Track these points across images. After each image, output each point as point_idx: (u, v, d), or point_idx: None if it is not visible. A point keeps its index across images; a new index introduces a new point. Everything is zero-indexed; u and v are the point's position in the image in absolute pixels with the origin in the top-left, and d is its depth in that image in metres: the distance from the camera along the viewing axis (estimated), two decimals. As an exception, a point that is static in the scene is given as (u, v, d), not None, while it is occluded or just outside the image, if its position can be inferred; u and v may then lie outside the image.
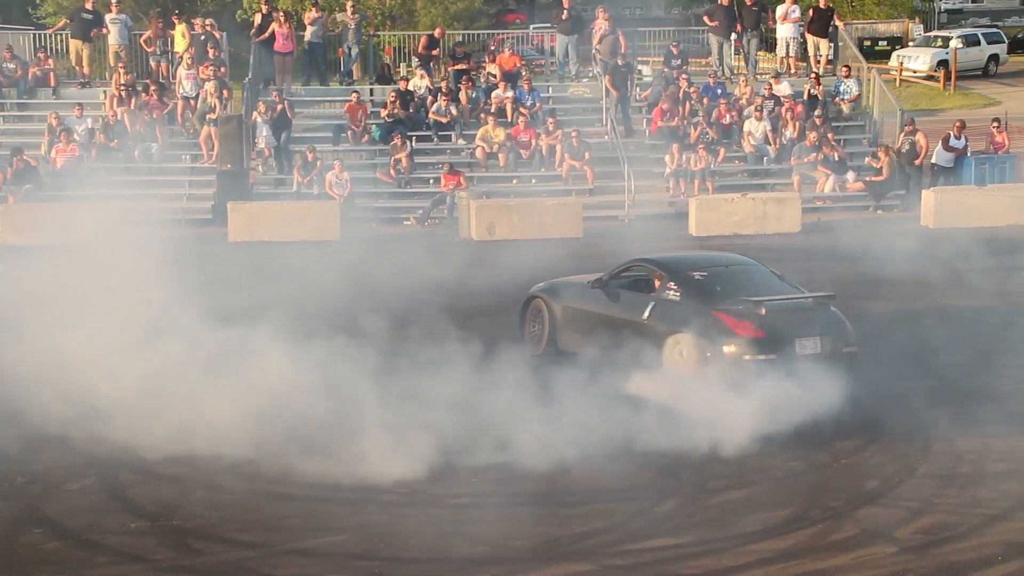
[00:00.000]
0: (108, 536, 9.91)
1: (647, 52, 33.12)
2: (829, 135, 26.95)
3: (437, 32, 29.75)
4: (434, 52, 29.04)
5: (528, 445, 11.31)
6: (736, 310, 13.06)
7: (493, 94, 28.15)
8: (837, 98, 28.81)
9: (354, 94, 27.70)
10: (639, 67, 31.04)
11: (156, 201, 24.53)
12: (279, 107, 26.66)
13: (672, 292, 13.69)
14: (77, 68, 28.72)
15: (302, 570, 9.35)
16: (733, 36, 29.84)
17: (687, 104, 27.86)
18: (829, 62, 30.01)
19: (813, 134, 26.68)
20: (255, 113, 26.54)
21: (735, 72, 30.03)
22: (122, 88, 26.96)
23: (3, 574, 9.37)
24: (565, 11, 29.47)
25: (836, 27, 30.45)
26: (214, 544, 9.78)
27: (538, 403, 11.97)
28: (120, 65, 27.72)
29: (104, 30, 28.53)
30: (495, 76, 28.63)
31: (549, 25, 33.04)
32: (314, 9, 29.66)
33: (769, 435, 11.66)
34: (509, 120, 27.58)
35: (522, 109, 27.68)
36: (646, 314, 13.71)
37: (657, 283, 13.97)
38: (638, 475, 11.07)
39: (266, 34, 28.27)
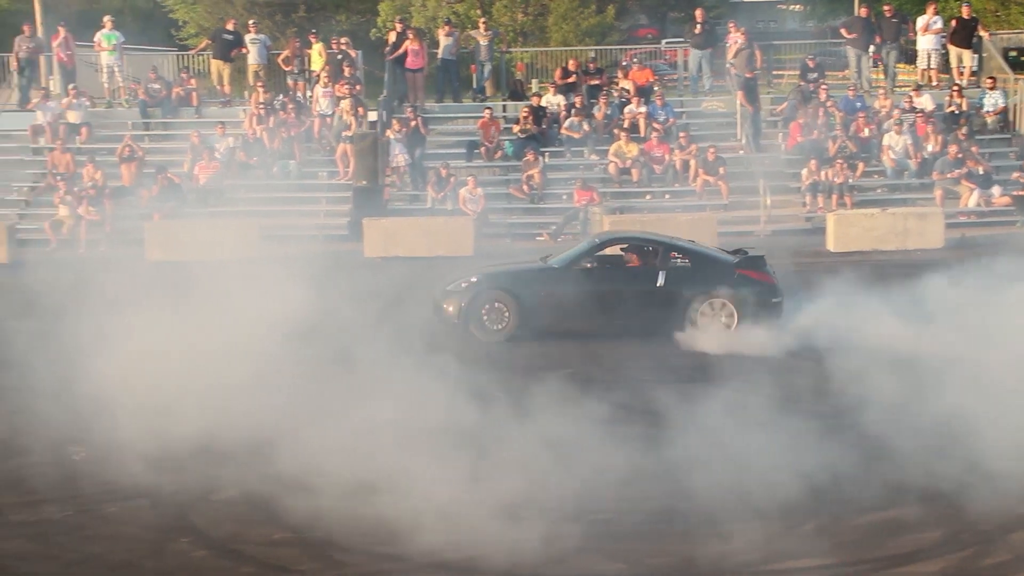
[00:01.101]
0: (252, 547, 10.05)
1: (782, 66, 32.74)
2: (973, 148, 26.30)
3: (572, 65, 29.72)
4: (570, 80, 29.02)
5: (665, 461, 11.21)
6: (753, 265, 16.31)
7: (626, 109, 28.07)
8: (982, 111, 28.11)
9: (487, 111, 27.86)
10: (771, 81, 30.70)
11: (294, 218, 25.05)
12: (413, 124, 26.93)
13: (680, 260, 16.40)
14: (218, 87, 29.39)
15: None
16: (871, 48, 29.32)
17: (825, 118, 27.45)
18: (973, 74, 29.30)
19: (955, 147, 26.07)
20: (389, 130, 26.86)
21: (873, 85, 29.50)
22: (261, 107, 27.51)
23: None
24: (699, 25, 29.29)
25: (980, 38, 29.73)
26: (356, 556, 9.85)
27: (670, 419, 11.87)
28: (259, 84, 28.29)
29: (244, 50, 29.16)
30: (628, 91, 28.55)
31: (682, 40, 32.87)
32: (447, 27, 29.93)
33: (905, 452, 11.40)
34: (642, 135, 27.47)
35: (655, 124, 27.56)
36: (660, 281, 16.14)
37: (653, 255, 16.46)
38: (778, 493, 10.86)
39: (400, 52, 28.62)
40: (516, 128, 27.75)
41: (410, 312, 17.03)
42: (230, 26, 29.78)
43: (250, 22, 30.06)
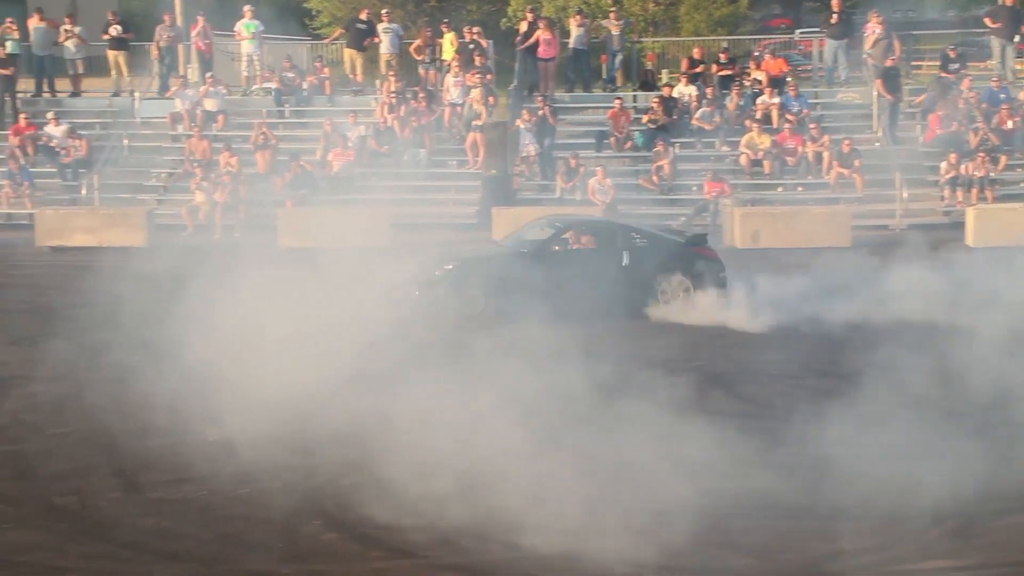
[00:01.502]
0: (381, 531, 10.11)
1: (921, 56, 31.98)
2: (1124, 141, 25.43)
3: (697, 53, 29.38)
4: (698, 69, 28.71)
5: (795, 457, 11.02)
6: (700, 242, 18.01)
7: (758, 100, 27.69)
8: None
9: (617, 100, 27.71)
10: (909, 72, 29.99)
11: (423, 206, 25.22)
12: (541, 113, 26.91)
13: (639, 240, 17.71)
14: (351, 76, 29.71)
15: (569, 573, 9.32)
16: (1016, 38, 28.47)
17: (966, 109, 26.74)
18: (1123, 63, 28.32)
19: (1102, 141, 25.23)
20: (519, 120, 26.86)
21: (1018, 76, 28.65)
22: (392, 95, 27.73)
23: (287, 563, 9.69)
24: (835, 15, 28.74)
25: None
26: (484, 543, 9.85)
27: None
28: (391, 73, 28.52)
29: (376, 39, 29.42)
30: (760, 82, 28.15)
31: (817, 30, 32.30)
32: (579, 16, 29.83)
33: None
34: (774, 127, 27.07)
35: (788, 115, 27.12)
36: (625, 261, 17.36)
37: (615, 236, 17.71)
38: (910, 492, 10.59)
39: (531, 41, 28.60)
40: (646, 118, 27.56)
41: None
42: (363, 16, 30.07)
43: (383, 11, 30.32)
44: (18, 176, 26.09)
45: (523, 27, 29.33)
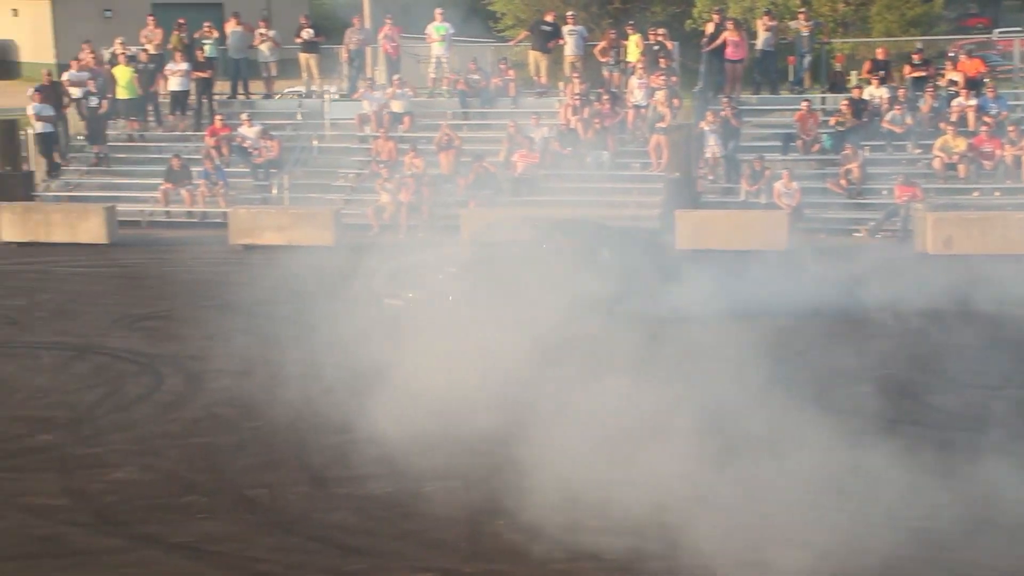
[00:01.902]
0: (564, 532, 10.06)
1: None
2: None
3: (880, 54, 28.56)
4: (880, 73, 27.87)
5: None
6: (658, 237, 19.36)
7: (953, 102, 26.79)
8: None
9: (805, 102, 27.14)
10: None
11: (606, 208, 25.09)
12: (725, 115, 26.54)
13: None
14: (535, 78, 29.79)
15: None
16: None
17: None
18: None
19: None
20: (704, 122, 26.55)
21: None
22: (576, 97, 27.69)
23: (470, 561, 9.74)
24: (1036, 13, 27.63)
25: None
26: (672, 550, 9.71)
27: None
28: (575, 75, 28.49)
29: (561, 41, 29.43)
30: (956, 83, 27.24)
31: (1018, 29, 31.14)
32: (767, 17, 29.34)
33: None
34: (970, 129, 26.15)
35: (985, 118, 26.16)
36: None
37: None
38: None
39: (717, 43, 28.24)
40: (834, 120, 26.92)
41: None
42: (549, 18, 30.12)
43: (568, 14, 30.32)
44: (213, 176, 26.90)
45: (710, 28, 28.96)
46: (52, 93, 28.52)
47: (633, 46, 28.80)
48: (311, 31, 30.07)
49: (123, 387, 14.83)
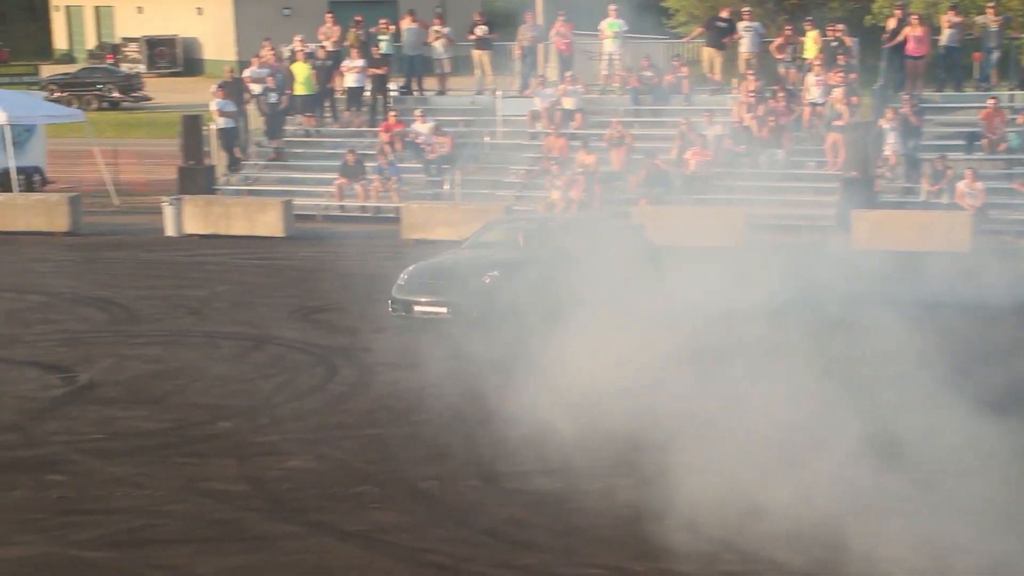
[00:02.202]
0: (733, 535, 9.87)
1: None
2: None
3: None
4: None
5: None
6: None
7: None
8: None
9: (991, 100, 26.25)
10: None
11: (780, 207, 24.70)
12: (906, 112, 25.81)
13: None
14: (709, 75, 29.44)
15: None
16: None
17: None
18: None
19: None
20: (883, 120, 25.88)
21: None
22: (751, 95, 27.28)
23: (639, 560, 9.63)
24: None
25: None
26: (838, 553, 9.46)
27: None
28: (749, 72, 28.07)
29: (736, 37, 29.03)
30: None
31: None
32: (952, 12, 28.45)
33: None
34: None
35: None
36: None
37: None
38: None
39: (899, 39, 27.49)
40: (1022, 119, 25.97)
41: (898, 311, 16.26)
42: (724, 14, 29.74)
43: (744, 9, 29.90)
44: (387, 171, 27.29)
45: (891, 24, 28.21)
46: (234, 89, 29.30)
47: (811, 42, 28.24)
48: (485, 28, 30.26)
49: (298, 377, 15.12)
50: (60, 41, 71.14)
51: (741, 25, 29.03)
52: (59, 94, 49.85)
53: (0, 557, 9.92)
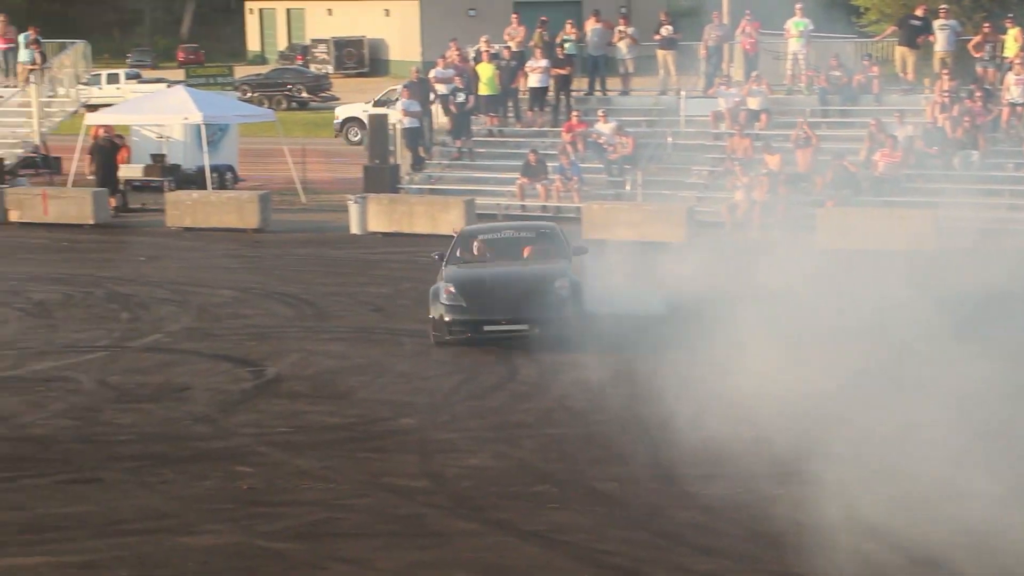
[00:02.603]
0: (913, 546, 9.56)
1: None
2: None
3: None
4: None
5: None
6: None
7: None
8: None
9: None
10: None
11: (974, 210, 23.88)
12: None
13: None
14: (901, 74, 28.65)
15: None
16: None
17: None
18: None
19: None
20: (1086, 120, 24.82)
21: None
22: (945, 95, 26.45)
23: (824, 570, 9.38)
24: None
25: None
26: None
27: None
28: (944, 72, 27.21)
29: (931, 37, 28.17)
30: None
31: None
32: None
33: None
34: None
35: None
36: None
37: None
38: None
39: (1104, 35, 26.30)
40: None
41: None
42: (919, 12, 28.89)
43: (940, 7, 28.99)
44: (568, 171, 27.29)
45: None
46: (419, 89, 29.69)
47: (1011, 40, 27.22)
48: (670, 28, 30.03)
49: (479, 376, 15.23)
50: (253, 43, 73.41)
51: (936, 23, 28.14)
52: (251, 94, 51.42)
53: (191, 545, 10.21)
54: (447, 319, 16.05)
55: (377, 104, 38.33)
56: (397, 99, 32.23)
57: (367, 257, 23.71)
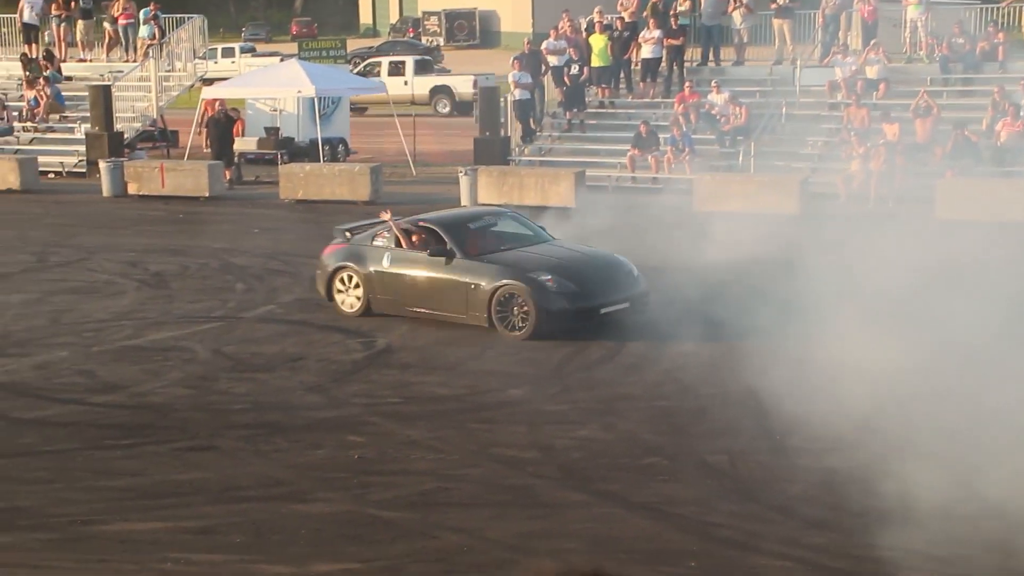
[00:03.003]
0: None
1: None
2: None
3: None
4: None
5: None
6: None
7: None
8: None
9: None
10: None
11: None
12: None
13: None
14: (1024, 41, 27.91)
15: None
16: None
17: None
18: None
19: None
20: None
21: None
22: (1073, 60, 25.69)
23: (938, 544, 9.19)
24: None
25: None
26: None
27: None
28: (1074, 37, 26.43)
29: (1058, 0, 27.36)
30: None
31: None
32: None
33: None
34: None
35: None
36: None
37: None
38: None
39: None
40: None
41: None
42: (1044, -25, 28.13)
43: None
44: (680, 142, 27.04)
45: None
46: (531, 61, 29.64)
47: None
48: (789, -4, 29.56)
49: (587, 348, 15.16)
50: (365, 16, 73.96)
51: (1064, -14, 27.35)
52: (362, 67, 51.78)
53: (306, 512, 10.35)
54: (558, 308, 15.64)
55: (360, 75, 39.20)
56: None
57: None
